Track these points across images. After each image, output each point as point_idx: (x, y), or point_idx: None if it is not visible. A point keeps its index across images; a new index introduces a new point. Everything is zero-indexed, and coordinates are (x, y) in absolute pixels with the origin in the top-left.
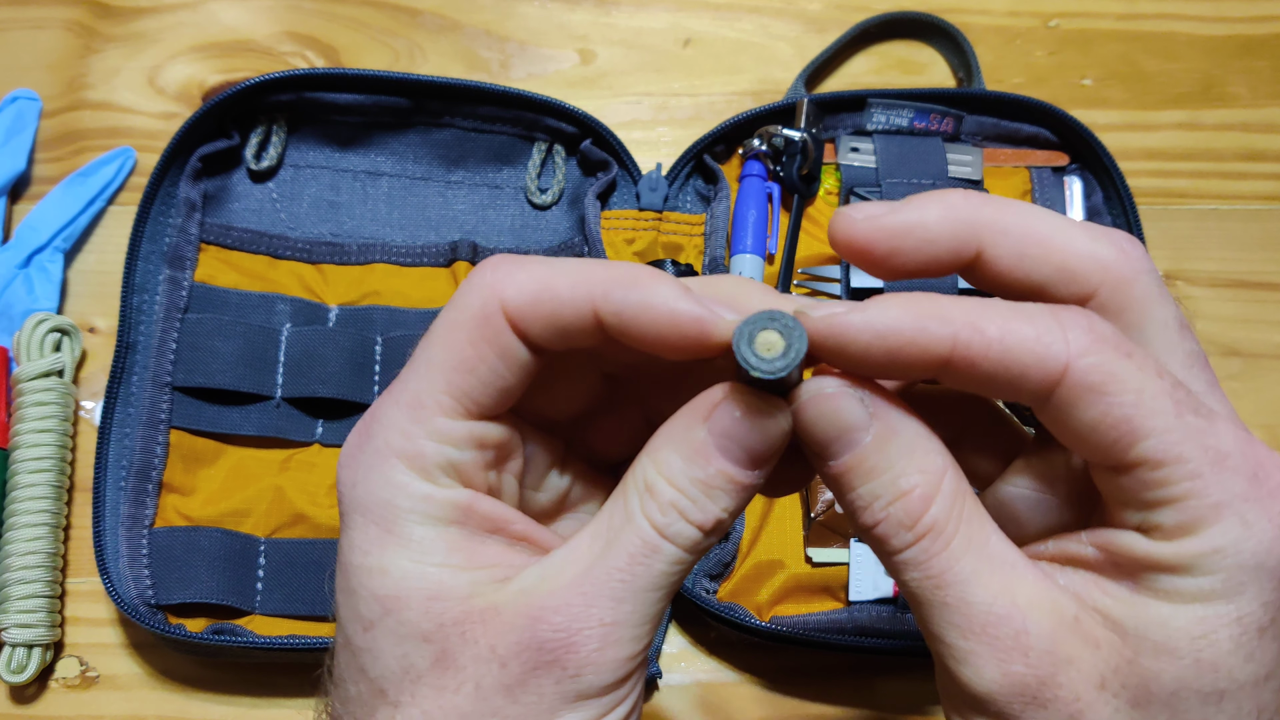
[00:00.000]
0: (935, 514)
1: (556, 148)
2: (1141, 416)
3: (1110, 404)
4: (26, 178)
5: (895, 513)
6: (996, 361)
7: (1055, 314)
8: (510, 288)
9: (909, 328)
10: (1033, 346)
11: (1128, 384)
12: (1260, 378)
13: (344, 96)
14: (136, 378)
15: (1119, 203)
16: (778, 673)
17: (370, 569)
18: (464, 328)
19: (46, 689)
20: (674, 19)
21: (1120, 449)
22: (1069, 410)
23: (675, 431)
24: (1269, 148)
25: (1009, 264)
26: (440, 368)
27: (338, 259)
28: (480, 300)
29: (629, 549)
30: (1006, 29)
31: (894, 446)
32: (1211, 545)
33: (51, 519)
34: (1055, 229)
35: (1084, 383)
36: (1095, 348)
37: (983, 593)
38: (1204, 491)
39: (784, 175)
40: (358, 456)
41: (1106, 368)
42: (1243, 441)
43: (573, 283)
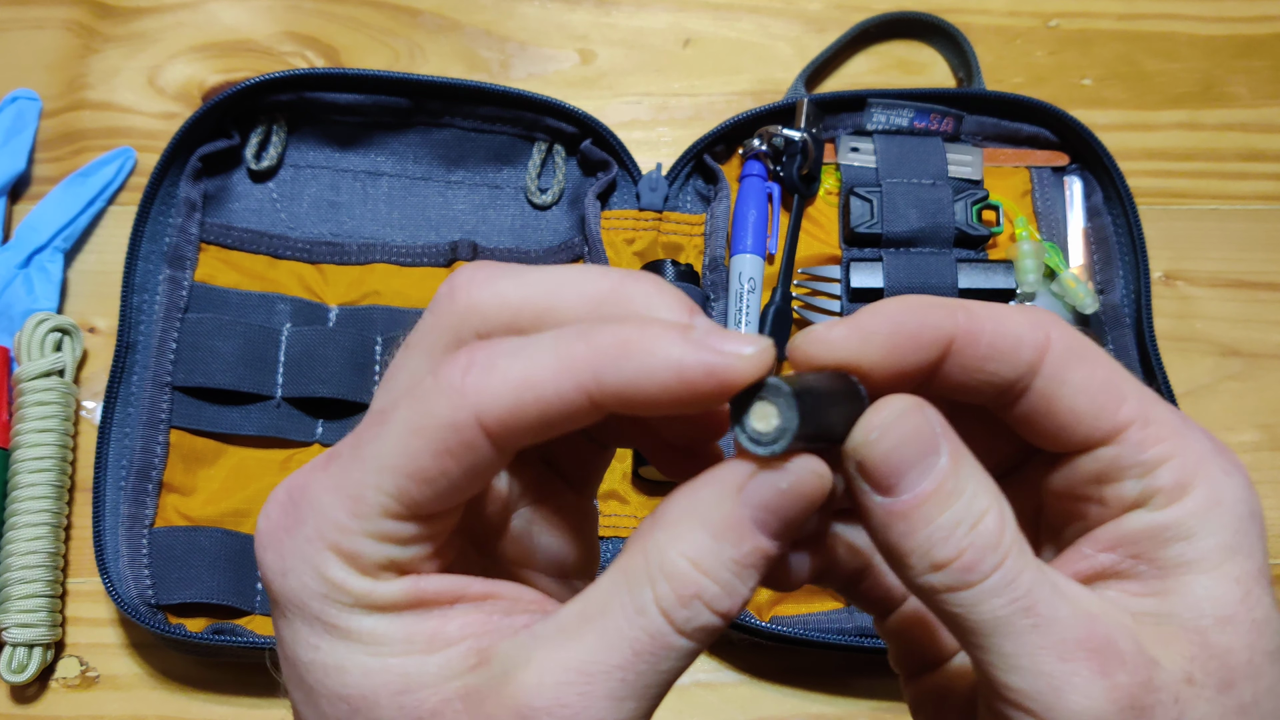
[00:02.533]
0: (1011, 532)
1: (556, 148)
2: (1119, 378)
3: (1093, 366)
4: (26, 178)
5: (979, 537)
6: (995, 333)
7: (1023, 309)
8: (486, 395)
9: (912, 323)
10: (1020, 319)
11: (1098, 353)
12: (1260, 378)
13: (344, 96)
14: (136, 378)
15: (1119, 203)
16: (778, 673)
17: (325, 666)
18: (426, 436)
19: (47, 689)
20: (674, 19)
21: (1110, 410)
22: (1059, 376)
23: (701, 506)
24: (1269, 148)
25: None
26: (391, 471)
27: (338, 259)
28: (449, 410)
29: (635, 645)
30: (1006, 29)
31: (964, 468)
32: (1211, 498)
33: (52, 519)
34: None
35: (1068, 347)
36: (1064, 324)
37: (1066, 609)
38: (1186, 448)
39: (784, 175)
40: (284, 540)
41: (1079, 339)
42: (1182, 417)
43: (557, 372)
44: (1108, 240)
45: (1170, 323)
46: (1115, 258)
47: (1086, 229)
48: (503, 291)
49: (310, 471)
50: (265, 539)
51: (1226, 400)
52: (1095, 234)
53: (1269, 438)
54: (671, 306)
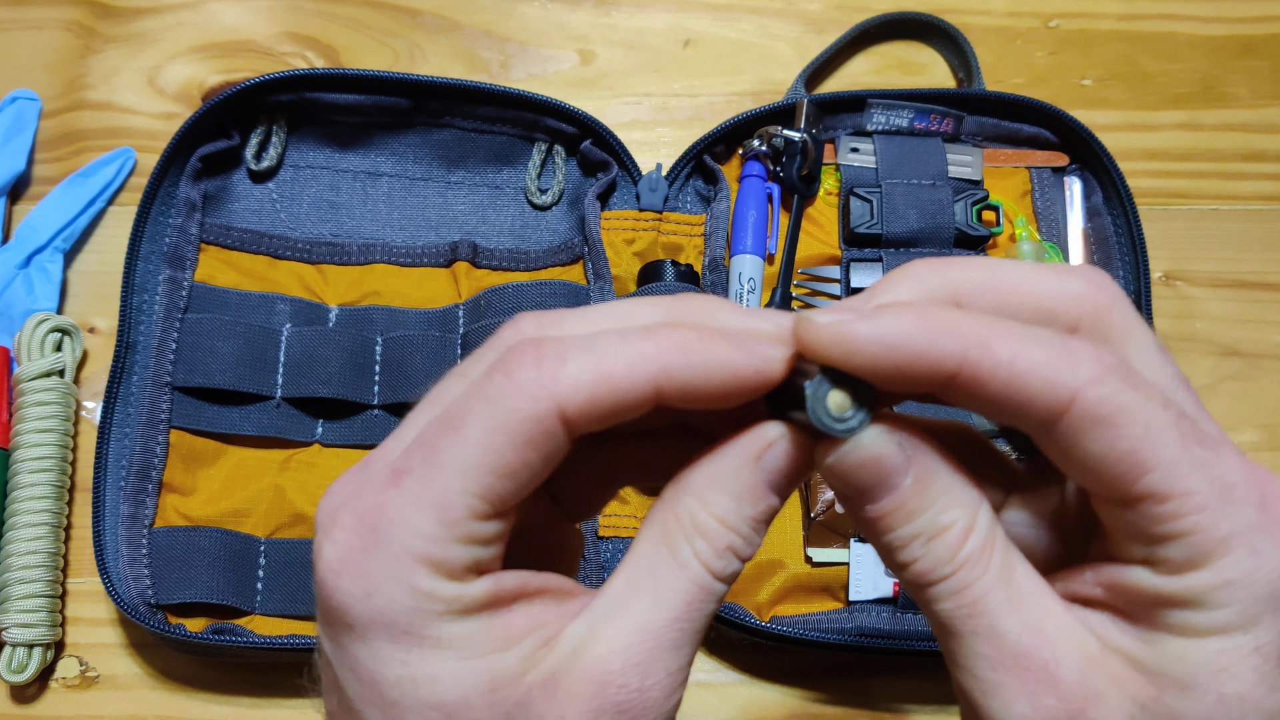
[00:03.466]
0: (972, 546)
1: (556, 148)
2: (1149, 449)
3: (1118, 436)
4: (26, 178)
5: (935, 549)
6: (1004, 384)
7: (1065, 341)
8: (564, 386)
9: (919, 341)
10: (1042, 372)
11: (1135, 416)
12: (1260, 378)
13: (344, 97)
14: (136, 378)
15: (1119, 203)
16: (778, 673)
17: (415, 679)
18: (509, 432)
19: (47, 689)
20: (674, 19)
21: (1126, 482)
22: (1075, 440)
23: (723, 473)
24: (1269, 148)
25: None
26: (476, 470)
27: (338, 259)
28: (531, 403)
29: (685, 596)
30: (1006, 29)
31: (932, 488)
32: (1223, 578)
33: (52, 519)
34: (1023, 275)
35: (1092, 413)
36: (1103, 378)
37: (1012, 623)
38: (1212, 524)
39: (784, 175)
40: (365, 564)
41: (1114, 399)
42: (1246, 470)
43: (629, 365)
44: (1108, 240)
45: (1170, 323)
46: (1115, 258)
47: (1086, 229)
48: (568, 327)
49: (379, 491)
50: (340, 565)
51: (1226, 400)
52: (1095, 234)
53: (1269, 438)
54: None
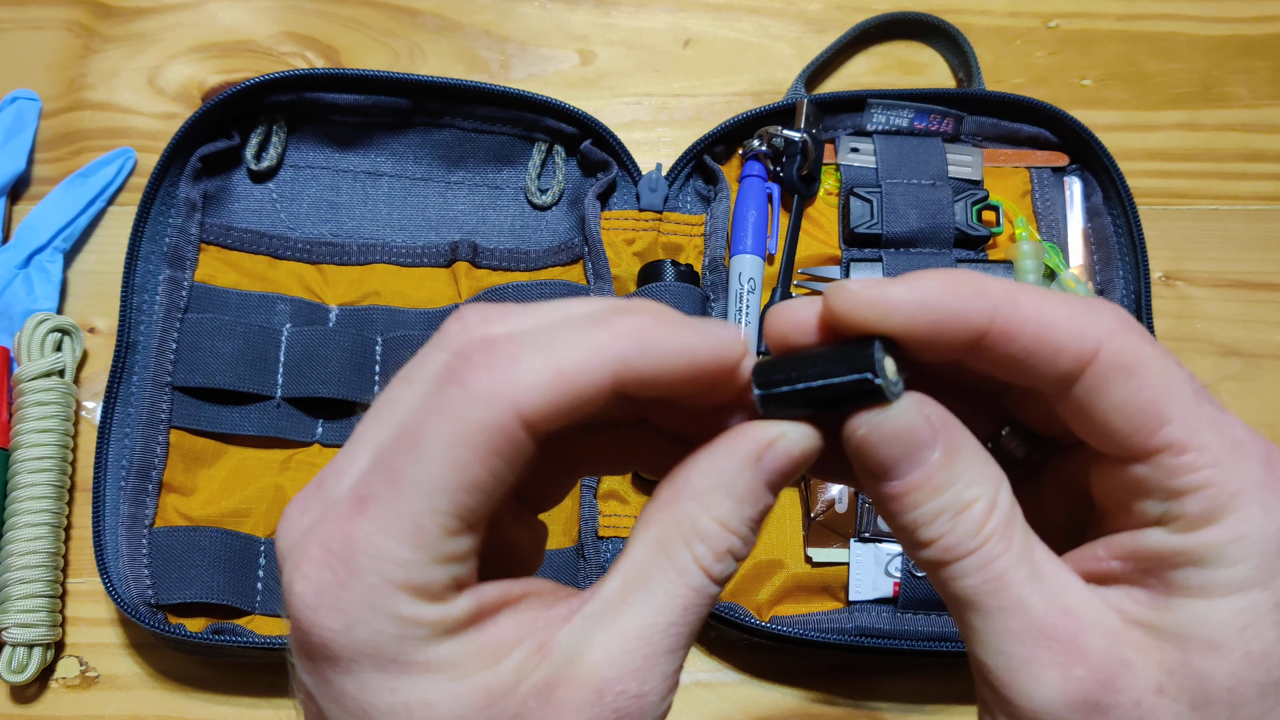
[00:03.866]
0: (996, 521)
1: (556, 148)
2: (1167, 401)
3: (1139, 385)
4: (26, 178)
5: (961, 524)
6: (1033, 337)
7: (1085, 300)
8: (520, 388)
9: (951, 300)
10: (1068, 325)
11: (1154, 368)
12: (1260, 378)
13: (344, 97)
14: (137, 378)
15: (1119, 203)
16: (778, 673)
17: (409, 705)
18: (471, 445)
19: (47, 689)
20: (674, 19)
21: (1145, 433)
22: (1098, 391)
23: (721, 474)
24: (1269, 148)
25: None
26: (443, 489)
27: (338, 259)
28: (488, 412)
29: (683, 601)
30: (1006, 29)
31: (959, 463)
32: (1237, 532)
33: (52, 519)
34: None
35: (1115, 362)
36: (1125, 331)
37: (1038, 597)
38: (1225, 478)
39: (784, 175)
40: (342, 597)
41: (1135, 350)
42: (1252, 432)
43: (584, 358)
44: (1108, 240)
45: (1170, 323)
46: (1115, 258)
47: (1086, 229)
48: (515, 323)
49: (344, 520)
50: (316, 600)
51: (1226, 400)
52: (1095, 234)
53: (1269, 438)
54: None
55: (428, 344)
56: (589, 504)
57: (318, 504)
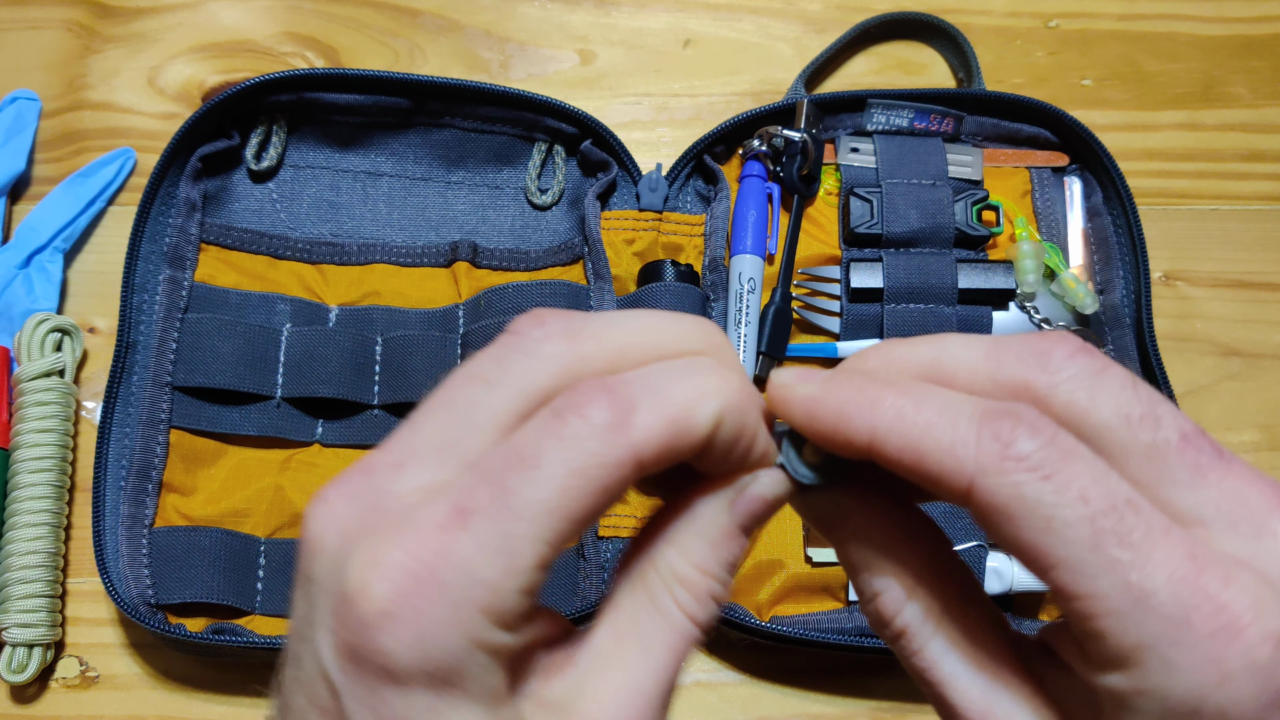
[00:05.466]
0: (907, 618)
1: (556, 148)
2: (1052, 545)
3: (1018, 528)
4: (26, 178)
5: (871, 611)
6: (911, 465)
7: (981, 420)
8: (640, 434)
9: (835, 415)
10: (941, 458)
11: (1036, 509)
12: (1260, 378)
13: (344, 97)
14: (137, 378)
15: (1119, 203)
16: (778, 673)
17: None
18: (588, 477)
19: (47, 689)
20: (674, 19)
21: (1037, 572)
22: (983, 524)
23: (700, 522)
24: (1269, 148)
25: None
26: (549, 515)
27: (338, 259)
28: (613, 450)
29: (671, 648)
30: (1006, 29)
31: (866, 549)
32: (1135, 686)
33: (52, 519)
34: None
35: (987, 503)
36: (1003, 467)
37: (960, 696)
38: (1120, 631)
39: (784, 175)
40: (423, 610)
41: (1011, 490)
42: (1180, 575)
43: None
44: (1108, 240)
45: (1170, 323)
46: (1115, 258)
47: (1086, 229)
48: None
49: (441, 531)
50: (392, 606)
51: (1226, 400)
52: (1095, 234)
53: (1269, 438)
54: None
55: (506, 346)
56: None
57: (371, 495)
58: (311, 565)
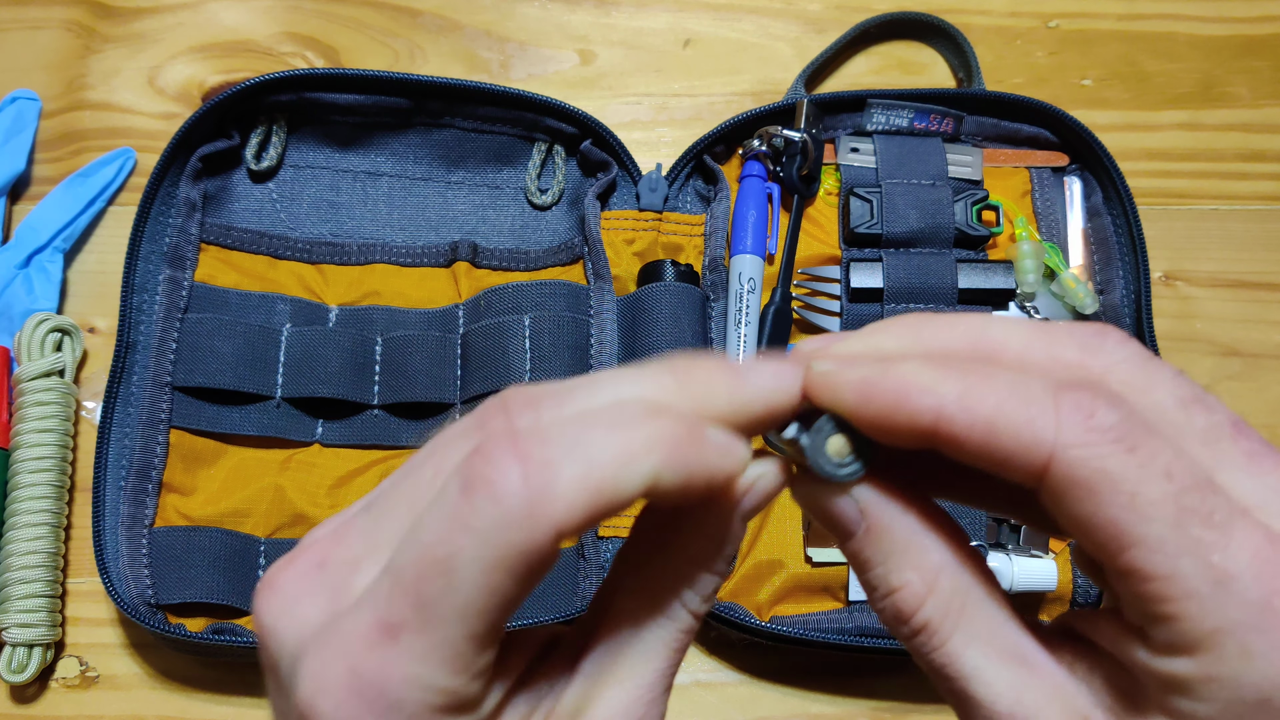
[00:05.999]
0: (928, 613)
1: (556, 148)
2: (1132, 523)
3: (1099, 504)
4: (26, 178)
5: (889, 606)
6: (980, 444)
7: (1058, 393)
8: (560, 507)
9: (895, 397)
10: (1019, 432)
11: (1120, 484)
12: (1260, 377)
13: (344, 97)
14: (136, 377)
15: (1119, 203)
16: (778, 673)
17: None
18: (508, 568)
19: (47, 689)
20: (674, 19)
21: (1109, 553)
22: (1055, 503)
23: (699, 519)
24: (1269, 148)
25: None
26: (478, 613)
27: (338, 259)
28: (528, 535)
29: (673, 644)
30: (1006, 29)
31: (884, 544)
32: (1207, 672)
33: (52, 519)
34: (1009, 338)
35: (1069, 477)
36: (1087, 439)
37: (985, 691)
38: (1200, 614)
39: (784, 175)
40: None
41: (1096, 464)
42: (1262, 556)
43: (619, 473)
44: (1108, 240)
45: (1170, 323)
46: (1115, 258)
47: (1086, 229)
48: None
49: (373, 651)
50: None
51: (1226, 400)
52: (1095, 234)
53: (1269, 438)
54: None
55: (461, 423)
56: None
57: (325, 593)
58: (273, 660)
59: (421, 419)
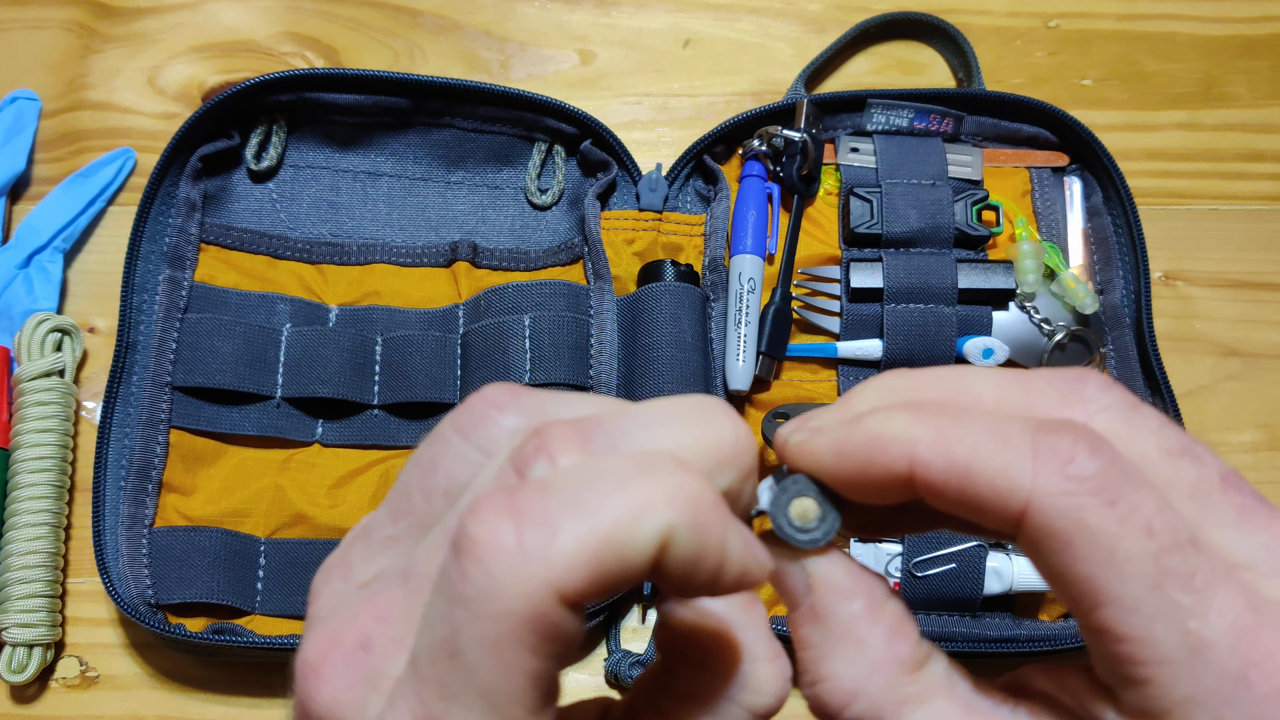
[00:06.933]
0: (859, 710)
1: (556, 148)
2: (1109, 580)
3: (1073, 557)
4: (26, 178)
5: (815, 694)
6: (955, 490)
7: (1036, 435)
8: (557, 565)
9: (869, 450)
10: (994, 478)
11: (1098, 539)
12: (1260, 378)
13: (344, 97)
14: (136, 377)
15: (1119, 203)
16: None
17: None
18: (515, 642)
19: (47, 689)
20: (674, 19)
21: (1081, 609)
22: (1032, 551)
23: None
24: (1269, 148)
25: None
26: (507, 694)
27: (338, 259)
28: (522, 600)
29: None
30: (1006, 29)
31: (823, 628)
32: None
33: (52, 519)
34: (985, 386)
35: (1044, 527)
36: (1064, 488)
37: None
38: (1171, 682)
39: (784, 175)
40: None
41: (1073, 515)
42: (1239, 626)
43: (633, 520)
44: (1108, 240)
45: (1170, 323)
46: (1115, 258)
47: (1086, 229)
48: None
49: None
50: None
51: (1226, 400)
52: (1095, 234)
53: (1269, 438)
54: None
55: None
56: None
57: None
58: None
59: (421, 419)
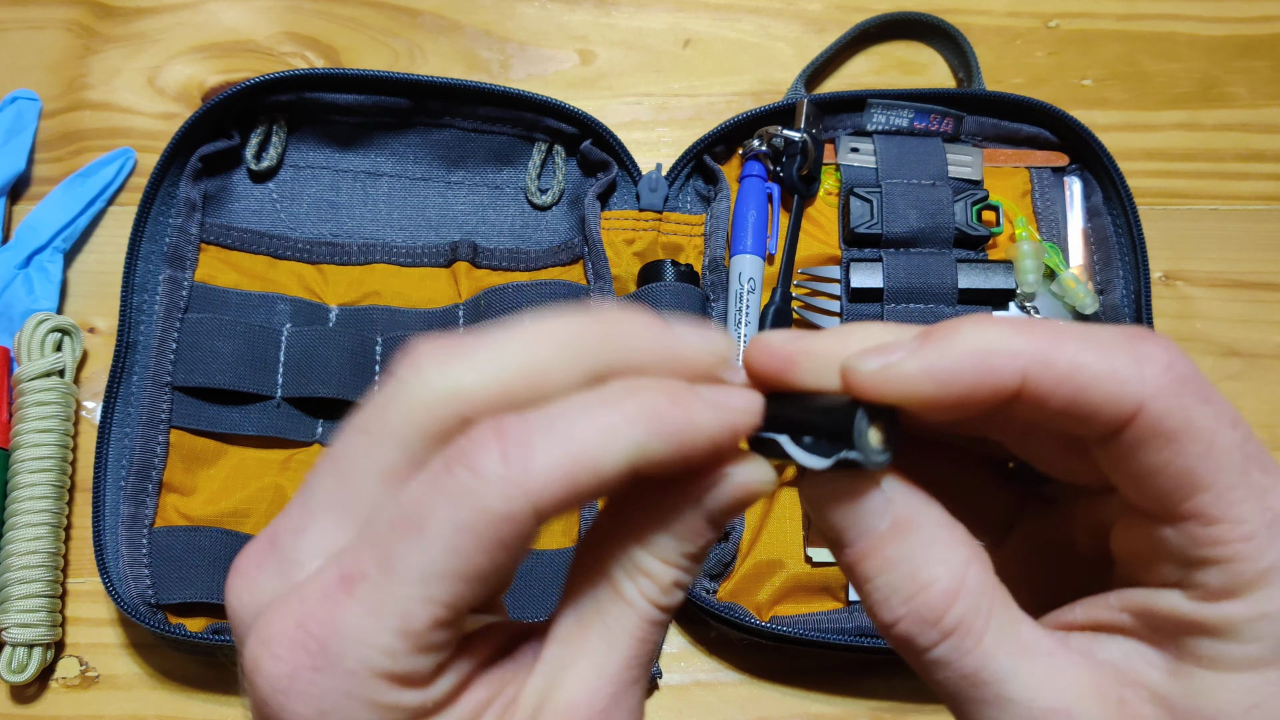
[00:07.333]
0: (961, 610)
1: (556, 148)
2: (1206, 469)
3: (1177, 451)
4: (26, 178)
5: (917, 608)
6: (1066, 399)
7: (1132, 345)
8: (536, 482)
9: (974, 369)
10: (1105, 383)
11: (1200, 433)
12: (1260, 377)
13: (344, 97)
14: (136, 377)
15: (1119, 203)
16: (778, 673)
17: None
18: (479, 534)
19: (47, 689)
20: (674, 19)
21: (1175, 499)
22: (1133, 451)
23: (667, 516)
24: (1269, 148)
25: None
26: (440, 578)
27: (338, 259)
28: (505, 504)
29: (637, 635)
30: (1006, 29)
31: (913, 536)
32: (1261, 609)
33: (52, 519)
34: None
35: (1156, 427)
36: (1173, 389)
37: (1022, 689)
38: (1256, 554)
39: (784, 175)
40: (318, 682)
41: (1182, 413)
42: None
43: (602, 448)
44: (1107, 240)
45: (1170, 323)
46: (1115, 258)
47: (1086, 229)
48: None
49: (326, 600)
50: (287, 683)
51: None
52: (1095, 234)
53: (1269, 438)
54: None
55: (383, 392)
56: (590, 504)
57: (276, 565)
58: (239, 640)
59: None
